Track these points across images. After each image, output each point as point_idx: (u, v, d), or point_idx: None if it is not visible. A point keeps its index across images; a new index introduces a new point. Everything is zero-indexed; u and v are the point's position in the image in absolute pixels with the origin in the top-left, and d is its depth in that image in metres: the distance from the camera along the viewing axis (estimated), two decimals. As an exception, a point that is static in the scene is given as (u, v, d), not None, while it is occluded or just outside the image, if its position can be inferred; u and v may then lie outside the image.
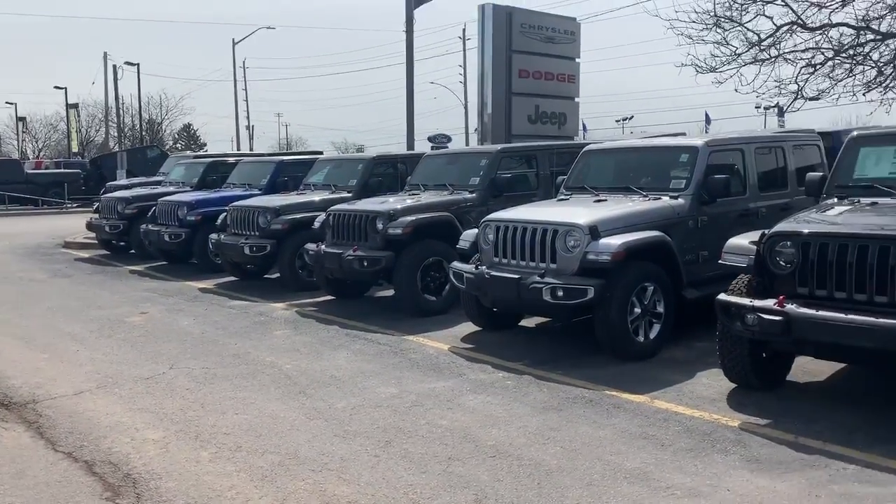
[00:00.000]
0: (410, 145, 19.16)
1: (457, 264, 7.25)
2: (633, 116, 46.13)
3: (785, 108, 13.29)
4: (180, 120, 61.69)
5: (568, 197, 7.61)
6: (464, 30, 48.19)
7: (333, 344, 7.23)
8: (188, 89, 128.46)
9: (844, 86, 11.91)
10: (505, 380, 5.89)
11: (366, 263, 8.23)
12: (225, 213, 11.07)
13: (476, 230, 7.21)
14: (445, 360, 6.51)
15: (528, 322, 7.74)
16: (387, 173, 11.12)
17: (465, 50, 49.00)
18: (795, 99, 12.16)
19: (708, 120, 36.82)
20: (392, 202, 8.80)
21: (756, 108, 31.73)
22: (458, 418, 5.05)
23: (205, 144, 62.01)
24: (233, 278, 11.33)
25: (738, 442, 4.48)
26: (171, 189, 14.53)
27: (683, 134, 13.29)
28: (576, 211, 6.75)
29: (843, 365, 5.74)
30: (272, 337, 7.62)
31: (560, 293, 6.15)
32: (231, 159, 15.21)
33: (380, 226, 8.35)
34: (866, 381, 5.67)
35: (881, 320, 4.31)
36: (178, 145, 60.99)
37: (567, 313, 6.67)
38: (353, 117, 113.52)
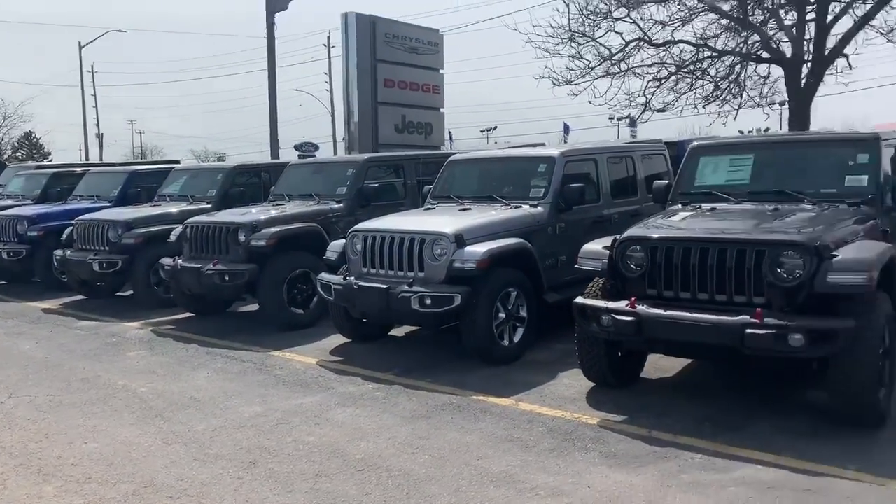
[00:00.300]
0: (274, 154, 18.74)
1: (324, 276, 7.13)
2: (496, 127, 47.40)
3: (635, 119, 14.08)
4: (20, 128, 56.99)
5: (434, 206, 7.69)
6: (328, 37, 47.80)
7: (193, 363, 6.90)
8: (29, 95, 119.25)
9: (687, 99, 12.79)
10: (374, 391, 5.85)
11: (227, 278, 7.92)
12: (71, 228, 10.33)
13: (344, 240, 7.14)
14: (313, 375, 6.37)
15: (398, 331, 7.73)
16: (249, 183, 10.76)
17: (329, 58, 48.58)
18: (644, 111, 12.94)
19: (567, 130, 38.43)
20: (255, 213, 8.54)
21: (610, 118, 33.40)
22: (326, 433, 4.96)
23: (49, 154, 57.61)
24: (81, 297, 10.57)
25: (597, 439, 4.67)
26: (10, 203, 13.39)
27: (543, 144, 13.80)
28: (442, 220, 6.83)
29: (690, 360, 6.13)
30: (125, 359, 7.17)
31: (428, 301, 6.19)
32: (78, 169, 14.24)
33: (242, 238, 8.07)
34: (712, 374, 6.07)
35: (721, 318, 4.63)
36: (19, 155, 56.33)
37: (435, 321, 6.72)
38: (213, 125, 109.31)
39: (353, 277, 6.70)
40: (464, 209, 7.20)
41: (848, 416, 4.66)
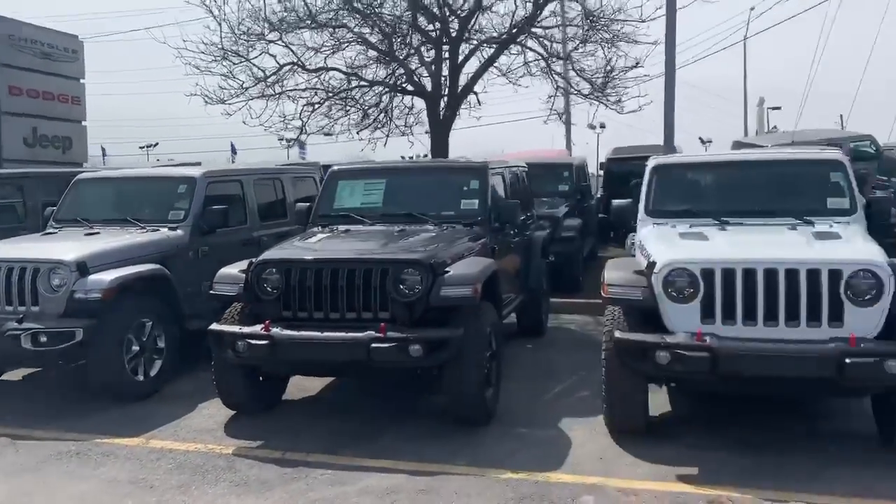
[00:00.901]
0: None
1: None
2: (158, 143, 44.49)
3: (293, 141, 14.18)
4: None
5: (56, 230, 6.91)
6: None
7: None
8: None
9: (342, 124, 13.24)
10: (-30, 448, 5.01)
11: None
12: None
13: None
14: None
15: (14, 375, 6.75)
16: None
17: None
18: (301, 133, 13.11)
19: (234, 150, 37.55)
20: None
21: (280, 139, 33.33)
22: None
23: None
24: None
25: (228, 468, 4.54)
26: None
27: (199, 163, 13.27)
28: (63, 246, 6.14)
29: (333, 378, 6.30)
30: None
31: (43, 339, 5.51)
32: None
33: None
34: (353, 390, 6.29)
35: (349, 334, 4.82)
36: None
37: (56, 360, 5.97)
38: None
39: (-56, 316, 5.69)
40: (91, 234, 6.58)
41: (462, 415, 5.16)
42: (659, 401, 5.40)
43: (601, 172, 16.99)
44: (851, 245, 4.83)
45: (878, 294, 4.31)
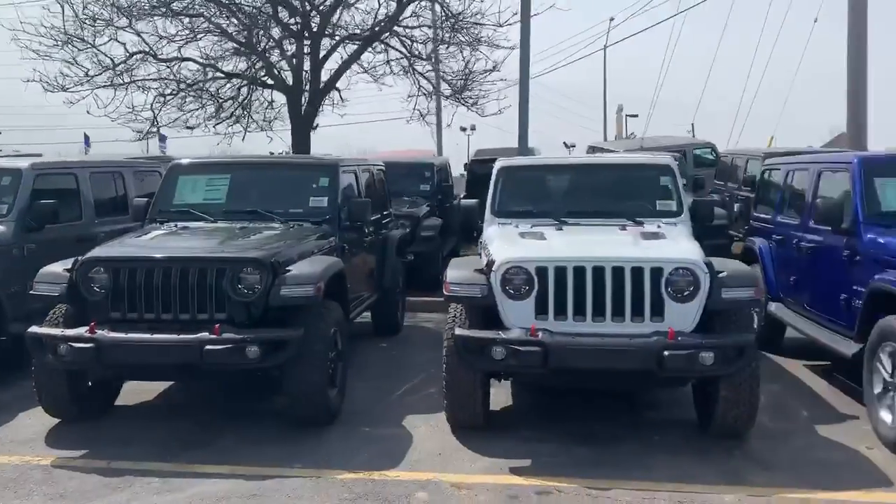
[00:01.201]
0: None
1: None
2: (0, 132, 40.85)
3: (144, 134, 13.47)
4: None
5: None
6: None
7: None
8: None
9: (196, 117, 12.71)
10: None
11: None
12: None
13: None
14: None
15: None
16: None
17: None
18: (152, 126, 12.49)
19: (88, 142, 35.17)
20: None
21: (137, 132, 31.57)
22: None
23: None
24: None
25: (45, 481, 4.24)
26: None
27: (40, 155, 12.37)
28: None
29: (173, 382, 6.02)
30: None
31: None
32: None
33: None
34: (195, 393, 6.03)
35: (179, 336, 4.62)
36: None
37: None
38: None
39: None
40: None
41: (304, 416, 5.07)
42: (502, 396, 5.54)
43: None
44: (674, 245, 5.14)
45: (695, 291, 4.62)
